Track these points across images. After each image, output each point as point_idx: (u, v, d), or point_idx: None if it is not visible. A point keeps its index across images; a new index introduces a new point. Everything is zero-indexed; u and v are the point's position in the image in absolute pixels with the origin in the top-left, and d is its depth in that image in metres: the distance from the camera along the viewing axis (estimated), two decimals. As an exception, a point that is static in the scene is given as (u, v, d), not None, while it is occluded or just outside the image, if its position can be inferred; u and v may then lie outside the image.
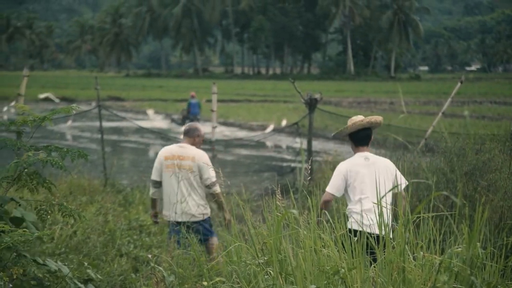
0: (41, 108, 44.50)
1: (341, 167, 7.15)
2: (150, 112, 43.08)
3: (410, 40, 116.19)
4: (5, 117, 38.60)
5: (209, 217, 8.85)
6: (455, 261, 4.58)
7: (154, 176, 8.85)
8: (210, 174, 8.59)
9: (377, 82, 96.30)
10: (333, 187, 7.11)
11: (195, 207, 8.66)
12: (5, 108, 42.26)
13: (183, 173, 8.61)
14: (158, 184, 8.87)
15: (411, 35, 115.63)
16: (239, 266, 5.44)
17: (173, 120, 40.41)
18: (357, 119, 7.13)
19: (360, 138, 7.14)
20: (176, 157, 8.67)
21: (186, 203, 8.63)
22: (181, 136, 8.94)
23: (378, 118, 7.11)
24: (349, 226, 6.64)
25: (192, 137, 8.76)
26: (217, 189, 8.65)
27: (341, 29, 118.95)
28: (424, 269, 4.70)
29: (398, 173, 6.97)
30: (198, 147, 8.80)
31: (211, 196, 8.78)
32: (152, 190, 8.96)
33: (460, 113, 35.00)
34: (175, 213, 8.60)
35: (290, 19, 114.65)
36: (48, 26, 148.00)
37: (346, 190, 7.12)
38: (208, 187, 8.66)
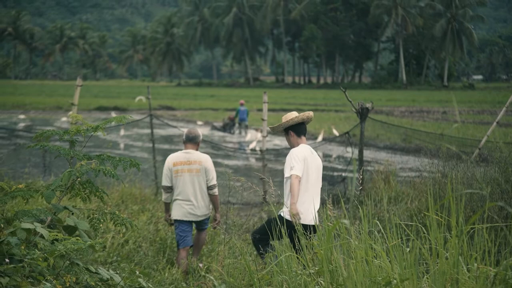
0: (93, 117, 45.06)
1: (300, 154, 7.69)
2: (200, 123, 43.32)
3: (464, 49, 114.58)
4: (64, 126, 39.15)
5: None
6: (511, 273, 4.50)
7: (166, 182, 9.42)
8: (214, 176, 9.28)
9: (429, 91, 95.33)
10: (299, 171, 7.57)
11: (204, 208, 9.33)
12: (63, 119, 42.83)
13: (192, 176, 9.25)
14: (170, 189, 9.45)
15: (465, 43, 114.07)
16: (290, 276, 5.41)
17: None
18: (293, 114, 7.90)
19: (303, 130, 7.94)
20: (183, 162, 9.27)
21: (197, 204, 9.27)
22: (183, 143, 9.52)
23: (310, 114, 7.96)
24: (286, 216, 7.46)
25: (196, 143, 9.44)
26: (216, 191, 9.32)
27: (393, 38, 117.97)
28: (479, 281, 4.62)
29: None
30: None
31: (210, 197, 9.42)
32: (165, 196, 9.52)
33: (515, 122, 34.39)
34: (189, 213, 9.29)
35: (341, 28, 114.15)
36: (101, 36, 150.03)
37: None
38: (210, 188, 9.28)
